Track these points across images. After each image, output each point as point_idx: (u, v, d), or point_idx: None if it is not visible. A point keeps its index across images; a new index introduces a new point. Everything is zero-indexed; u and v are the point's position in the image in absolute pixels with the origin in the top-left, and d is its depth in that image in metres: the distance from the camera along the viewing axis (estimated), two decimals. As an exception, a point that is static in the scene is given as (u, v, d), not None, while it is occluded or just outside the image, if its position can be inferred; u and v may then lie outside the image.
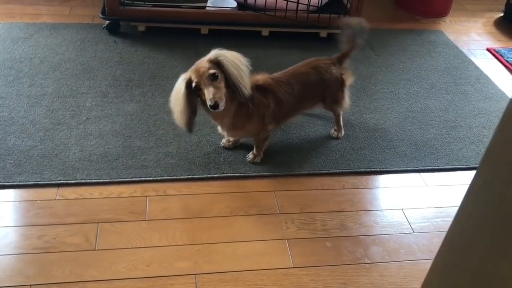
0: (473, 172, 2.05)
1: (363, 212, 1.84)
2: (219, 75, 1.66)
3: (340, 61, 2.06)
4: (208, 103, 1.63)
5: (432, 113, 2.40)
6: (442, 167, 2.08)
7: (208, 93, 1.63)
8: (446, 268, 0.76)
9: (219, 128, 1.94)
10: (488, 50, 3.05)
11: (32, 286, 1.47)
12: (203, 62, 1.67)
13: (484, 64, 2.86)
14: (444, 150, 2.17)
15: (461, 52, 2.96)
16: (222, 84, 1.67)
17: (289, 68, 2.02)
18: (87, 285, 1.49)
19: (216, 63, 1.67)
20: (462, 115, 2.41)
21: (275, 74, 1.96)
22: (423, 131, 2.27)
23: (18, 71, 2.37)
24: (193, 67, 1.69)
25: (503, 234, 0.64)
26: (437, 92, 2.57)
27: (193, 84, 1.66)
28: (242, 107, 1.79)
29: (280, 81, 1.93)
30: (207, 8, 2.78)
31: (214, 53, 1.69)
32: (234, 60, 1.69)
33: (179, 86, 1.69)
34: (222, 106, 1.65)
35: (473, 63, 2.85)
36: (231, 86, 1.69)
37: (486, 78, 2.73)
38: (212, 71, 1.64)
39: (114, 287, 1.49)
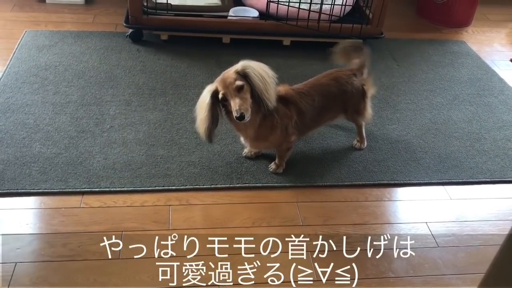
0: (498, 186, 2.04)
1: (387, 225, 1.83)
2: (245, 86, 1.66)
3: (359, 71, 2.04)
4: (235, 114, 1.64)
5: (456, 125, 2.37)
6: (467, 180, 2.06)
7: (235, 104, 1.64)
8: None
9: (242, 139, 1.95)
10: (511, 61, 3.01)
11: (57, 294, 1.49)
12: (230, 73, 1.68)
13: (508, 75, 2.82)
14: (468, 163, 2.14)
15: (484, 63, 2.93)
16: (248, 96, 1.68)
17: (310, 79, 2.02)
18: (111, 294, 1.50)
19: (243, 75, 1.67)
20: (486, 127, 2.38)
21: (296, 86, 1.96)
22: (446, 143, 2.24)
23: (43, 79, 2.41)
24: (219, 78, 1.70)
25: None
26: (460, 103, 2.54)
27: (220, 95, 1.67)
28: (266, 118, 1.79)
29: (301, 92, 1.93)
30: (228, 18, 2.79)
31: (241, 64, 1.70)
32: (261, 72, 1.69)
33: (204, 96, 1.71)
34: (248, 117, 1.66)
35: (496, 74, 2.82)
36: (256, 98, 1.69)
37: (510, 89, 2.70)
38: (238, 82, 1.65)
39: (138, 296, 1.50)
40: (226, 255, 1.64)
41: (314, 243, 1.71)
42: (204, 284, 1.55)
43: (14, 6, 3.06)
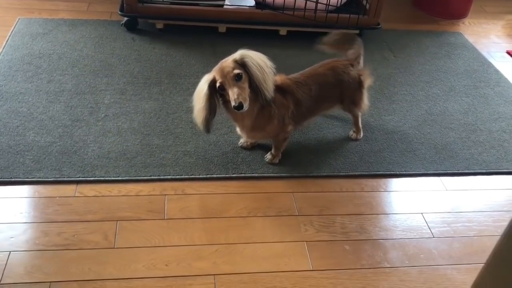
0: (494, 177, 2.04)
1: (383, 215, 1.83)
2: (243, 75, 1.65)
3: (355, 61, 2.03)
4: (233, 103, 1.63)
5: (452, 116, 2.37)
6: (462, 171, 2.06)
7: (233, 94, 1.63)
8: (499, 270, 0.75)
9: (238, 130, 1.93)
10: (508, 53, 3.01)
11: (51, 283, 1.47)
12: (228, 62, 1.66)
13: (504, 67, 2.82)
14: (464, 154, 2.14)
15: (481, 55, 2.92)
16: (246, 85, 1.66)
17: (307, 69, 2.00)
18: (106, 284, 1.49)
19: (241, 64, 1.66)
20: (482, 118, 2.38)
21: (293, 75, 1.95)
22: (442, 134, 2.24)
23: (37, 67, 2.38)
24: (217, 67, 1.68)
25: None
26: (457, 95, 2.54)
27: (217, 84, 1.66)
28: (264, 108, 1.78)
29: (298, 82, 1.92)
30: (225, 7, 2.77)
31: (240, 53, 1.68)
32: (260, 62, 1.68)
33: (202, 86, 1.69)
34: (246, 107, 1.64)
35: (493, 66, 2.82)
36: (254, 88, 1.68)
37: (506, 81, 2.70)
38: (236, 71, 1.63)
39: (133, 286, 1.49)
40: (222, 244, 1.64)
41: (309, 233, 1.72)
42: (202, 274, 1.54)
43: (7, -7, 3.01)
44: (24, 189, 1.78)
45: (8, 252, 1.55)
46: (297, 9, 2.68)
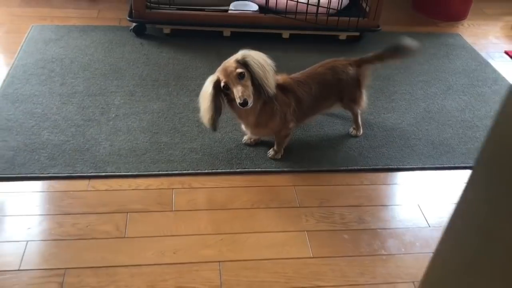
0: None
1: (381, 207, 1.91)
2: (246, 74, 1.75)
3: (359, 64, 2.11)
4: (238, 100, 1.72)
5: (449, 114, 2.45)
6: (458, 165, 2.13)
7: (237, 91, 1.72)
8: (457, 236, 0.82)
9: (243, 127, 2.03)
10: (506, 53, 3.08)
11: (67, 269, 1.57)
12: (230, 62, 1.77)
13: (502, 67, 2.90)
14: (460, 149, 2.22)
15: (479, 55, 3.00)
16: (249, 83, 1.76)
17: (307, 69, 2.10)
18: (118, 270, 1.58)
19: (243, 63, 1.76)
20: (478, 115, 2.45)
21: (294, 75, 2.04)
22: (440, 131, 2.32)
23: (50, 71, 2.49)
24: (220, 67, 1.78)
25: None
26: (454, 93, 2.62)
27: (222, 84, 1.76)
28: (266, 105, 1.87)
29: (299, 81, 2.01)
30: (229, 12, 2.87)
31: (241, 53, 1.78)
32: (260, 60, 1.77)
33: (207, 86, 1.79)
34: (250, 103, 1.74)
35: (490, 66, 2.89)
36: (257, 85, 1.77)
37: (504, 80, 2.77)
38: (239, 70, 1.73)
39: (143, 272, 1.58)
40: (227, 234, 1.73)
41: (310, 223, 1.80)
42: (208, 261, 1.63)
43: (21, 1, 3.14)
44: (40, 184, 1.88)
45: (26, 242, 1.64)
46: (299, 13, 2.78)
